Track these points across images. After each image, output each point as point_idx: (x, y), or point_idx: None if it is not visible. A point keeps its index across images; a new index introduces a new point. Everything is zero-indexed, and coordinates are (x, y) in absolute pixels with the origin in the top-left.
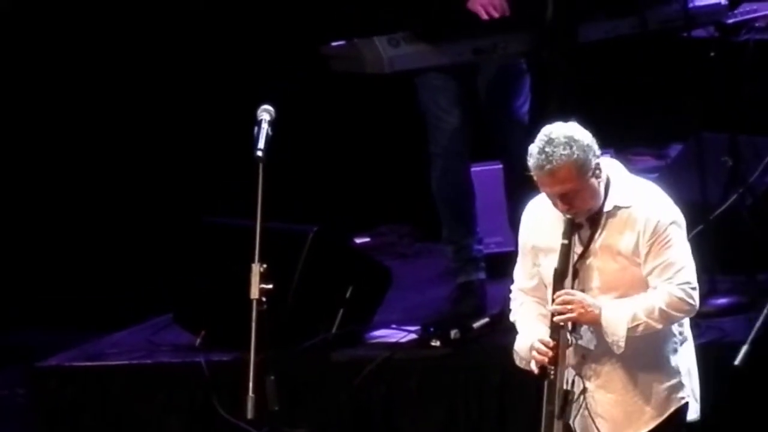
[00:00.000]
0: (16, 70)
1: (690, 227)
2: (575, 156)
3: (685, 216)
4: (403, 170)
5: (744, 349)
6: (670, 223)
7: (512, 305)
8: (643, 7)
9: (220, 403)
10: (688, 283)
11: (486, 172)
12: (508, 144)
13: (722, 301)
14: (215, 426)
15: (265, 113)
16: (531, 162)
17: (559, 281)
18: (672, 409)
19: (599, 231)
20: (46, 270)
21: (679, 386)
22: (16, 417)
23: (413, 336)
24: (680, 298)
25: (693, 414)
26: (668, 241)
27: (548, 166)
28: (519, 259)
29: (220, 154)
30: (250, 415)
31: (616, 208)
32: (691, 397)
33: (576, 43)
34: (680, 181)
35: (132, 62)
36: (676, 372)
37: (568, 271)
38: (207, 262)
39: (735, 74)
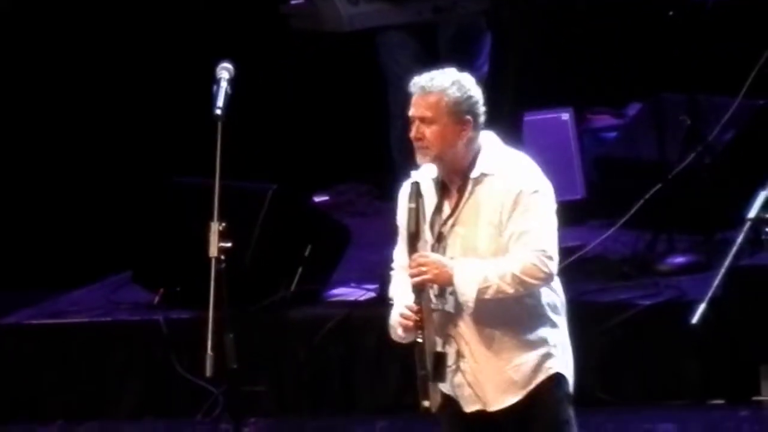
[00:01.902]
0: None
1: (648, 186)
2: (451, 91)
3: (644, 174)
4: (362, 128)
5: (701, 307)
6: (533, 192)
7: (392, 282)
8: None
9: (179, 361)
10: (544, 251)
11: None
12: None
13: (680, 260)
14: (174, 384)
15: (225, 71)
16: (413, 82)
17: (412, 245)
18: (540, 380)
19: (465, 197)
20: (4, 229)
21: (548, 357)
22: None
23: (372, 294)
24: (534, 264)
25: (568, 387)
26: (528, 209)
27: (424, 83)
28: (399, 238)
29: (178, 113)
30: (208, 373)
31: (483, 175)
32: (565, 370)
33: (535, 2)
34: (639, 140)
35: (94, 25)
36: (545, 342)
37: (420, 234)
38: (166, 220)
39: (693, 34)
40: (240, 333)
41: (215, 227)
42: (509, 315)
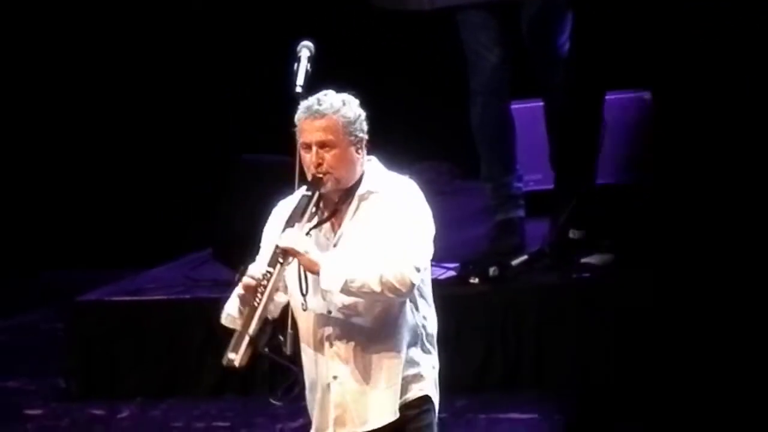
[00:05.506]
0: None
1: None
2: (344, 111)
3: None
4: (443, 107)
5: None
6: (414, 210)
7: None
8: None
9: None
10: (414, 262)
11: (527, 110)
12: (550, 81)
13: None
14: (252, 361)
15: (305, 49)
16: (300, 108)
17: (290, 225)
18: (409, 400)
19: (350, 215)
20: (87, 209)
21: (419, 378)
22: (56, 351)
23: (452, 273)
24: (401, 272)
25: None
26: (407, 223)
27: (316, 107)
28: (260, 252)
29: (257, 90)
30: (289, 351)
31: (369, 192)
32: (434, 395)
33: None
34: None
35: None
36: (416, 365)
37: (303, 218)
38: (246, 197)
39: None
40: None
41: None
42: (383, 334)
